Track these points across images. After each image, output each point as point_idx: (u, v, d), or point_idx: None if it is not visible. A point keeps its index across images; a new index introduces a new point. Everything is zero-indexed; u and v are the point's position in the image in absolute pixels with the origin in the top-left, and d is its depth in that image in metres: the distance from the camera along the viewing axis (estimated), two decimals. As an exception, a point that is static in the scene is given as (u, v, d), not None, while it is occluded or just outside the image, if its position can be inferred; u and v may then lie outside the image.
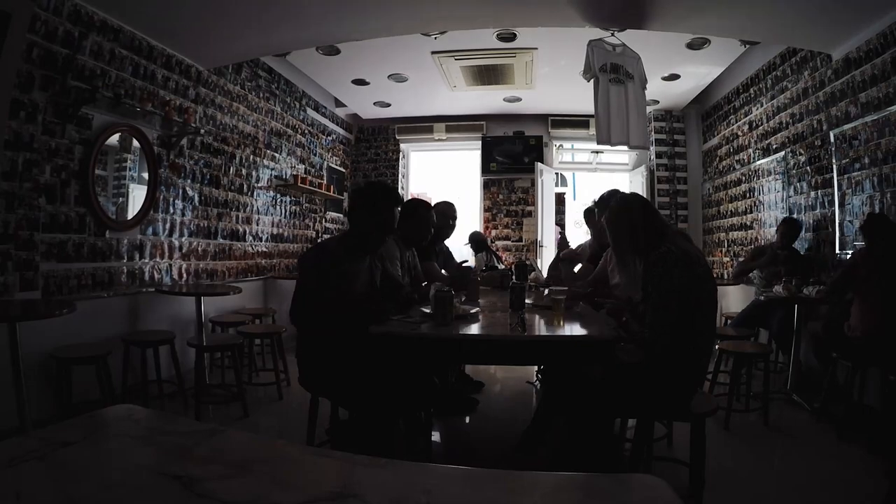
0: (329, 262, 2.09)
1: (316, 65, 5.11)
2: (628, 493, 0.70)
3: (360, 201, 2.22)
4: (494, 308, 2.60)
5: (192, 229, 4.08)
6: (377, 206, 2.18)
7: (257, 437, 0.87)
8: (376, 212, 2.17)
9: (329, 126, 6.60)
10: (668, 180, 6.50)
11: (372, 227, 2.17)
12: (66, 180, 2.96)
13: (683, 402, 1.84)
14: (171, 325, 3.58)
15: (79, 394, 2.79)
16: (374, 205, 2.18)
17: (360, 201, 2.22)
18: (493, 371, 4.26)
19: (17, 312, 2.32)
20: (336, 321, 2.03)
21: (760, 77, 4.90)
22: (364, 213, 2.17)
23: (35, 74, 2.73)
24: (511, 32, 4.30)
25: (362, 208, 2.19)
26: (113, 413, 0.93)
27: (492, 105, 6.46)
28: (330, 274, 2.05)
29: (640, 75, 3.81)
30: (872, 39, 3.35)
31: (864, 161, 3.46)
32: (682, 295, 1.74)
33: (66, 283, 2.97)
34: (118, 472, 0.70)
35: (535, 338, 1.96)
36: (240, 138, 4.68)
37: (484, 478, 0.72)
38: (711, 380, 3.31)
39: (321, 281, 2.03)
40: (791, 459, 2.57)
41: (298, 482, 0.70)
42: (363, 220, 2.18)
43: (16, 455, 0.71)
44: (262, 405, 3.38)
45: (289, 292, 5.41)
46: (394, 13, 3.52)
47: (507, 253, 6.91)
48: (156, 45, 3.59)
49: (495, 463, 0.75)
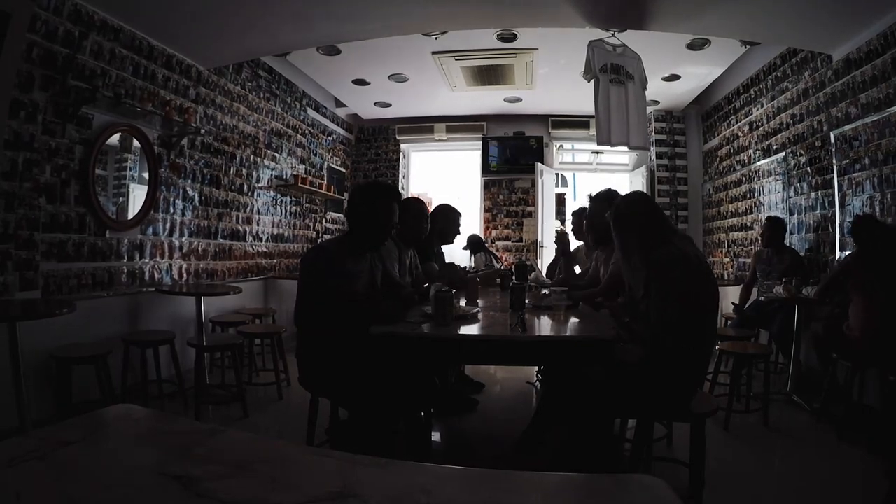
0: (329, 261, 2.08)
1: (316, 65, 5.12)
2: (628, 493, 0.70)
3: (359, 200, 2.21)
4: (495, 308, 2.60)
5: (192, 229, 4.08)
6: (376, 204, 2.17)
7: (257, 437, 0.87)
8: (375, 210, 2.16)
9: (329, 126, 6.60)
10: (669, 181, 6.50)
11: (371, 226, 2.17)
12: (67, 180, 2.96)
13: (684, 402, 1.84)
14: (171, 325, 3.58)
15: (79, 394, 2.79)
16: (372, 203, 2.17)
17: (359, 200, 2.21)
18: (493, 371, 4.25)
19: (17, 312, 2.32)
20: (337, 321, 2.03)
21: (761, 78, 4.90)
22: (363, 211, 2.17)
23: (35, 74, 2.73)
24: (511, 33, 4.30)
25: (361, 207, 2.18)
26: (113, 413, 0.93)
27: (492, 105, 6.46)
28: (330, 274, 2.05)
29: (640, 76, 3.81)
30: (873, 40, 3.35)
31: (864, 162, 3.46)
32: (684, 295, 1.75)
33: (66, 282, 2.97)
34: (118, 472, 0.70)
35: (535, 338, 1.96)
36: (240, 138, 4.68)
37: (484, 478, 0.72)
38: (711, 380, 3.31)
39: (321, 281, 2.03)
40: (791, 460, 2.57)
41: (298, 482, 0.70)
42: (362, 219, 2.17)
43: (16, 455, 0.71)
44: (262, 405, 3.38)
45: (289, 292, 5.44)
46: (394, 13, 3.52)
47: (507, 253, 6.91)
48: (156, 44, 3.60)
49: (495, 463, 0.75)
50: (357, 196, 2.26)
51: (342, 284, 2.08)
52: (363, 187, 2.31)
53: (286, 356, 3.70)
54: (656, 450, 2.40)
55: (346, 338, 2.02)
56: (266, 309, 4.65)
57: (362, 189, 2.29)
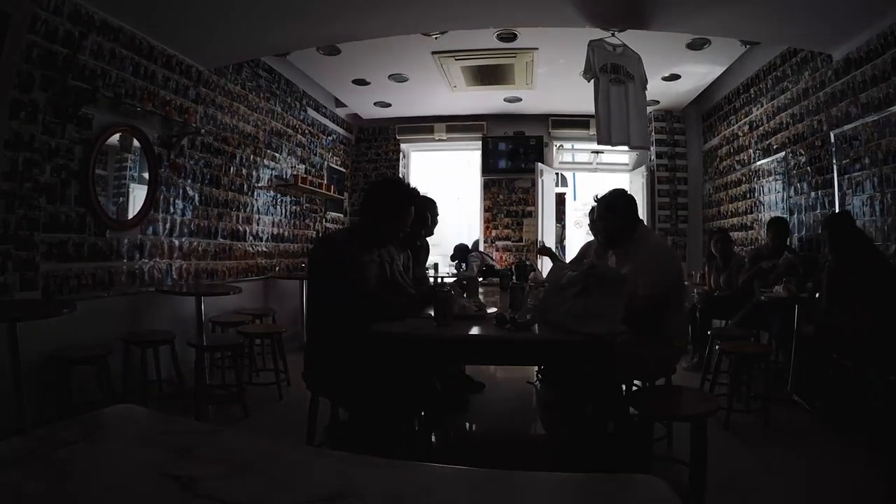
0: (343, 253, 2.10)
1: (316, 65, 5.12)
2: (628, 493, 0.70)
3: (379, 199, 2.19)
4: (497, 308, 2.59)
5: (192, 229, 4.08)
6: (406, 208, 2.19)
7: (257, 437, 0.87)
8: (395, 212, 2.17)
9: (329, 126, 6.60)
10: (669, 180, 6.50)
11: (388, 226, 2.18)
12: (67, 180, 2.96)
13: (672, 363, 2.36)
14: (172, 325, 3.58)
15: (79, 394, 2.78)
16: (393, 205, 2.17)
17: (379, 199, 2.19)
18: (493, 371, 4.25)
19: (17, 312, 2.32)
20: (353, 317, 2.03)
21: (761, 77, 4.90)
22: (383, 211, 2.17)
23: (35, 74, 2.73)
24: (511, 32, 4.30)
25: (380, 205, 2.17)
26: (113, 413, 0.93)
27: (492, 105, 6.45)
28: (345, 265, 2.05)
29: (640, 76, 3.81)
30: (873, 40, 3.35)
31: (864, 161, 3.46)
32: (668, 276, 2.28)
33: (66, 283, 2.97)
34: (118, 472, 0.70)
35: (535, 338, 1.96)
36: (240, 138, 4.68)
37: (484, 478, 0.72)
38: (712, 380, 3.32)
39: (339, 273, 2.04)
40: (791, 459, 2.57)
41: (298, 482, 0.70)
42: (380, 218, 2.17)
43: (16, 455, 0.71)
44: (262, 405, 3.37)
45: (289, 292, 5.45)
46: (394, 13, 3.52)
47: (507, 253, 6.92)
48: (156, 44, 3.59)
49: (495, 463, 0.75)
50: (377, 194, 2.23)
51: (356, 275, 2.08)
52: (397, 187, 2.28)
53: (286, 356, 3.71)
54: (656, 449, 2.40)
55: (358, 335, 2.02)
56: (266, 309, 4.65)
57: (383, 187, 2.28)
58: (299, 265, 5.71)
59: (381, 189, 2.28)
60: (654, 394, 2.33)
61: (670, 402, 2.13)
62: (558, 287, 1.98)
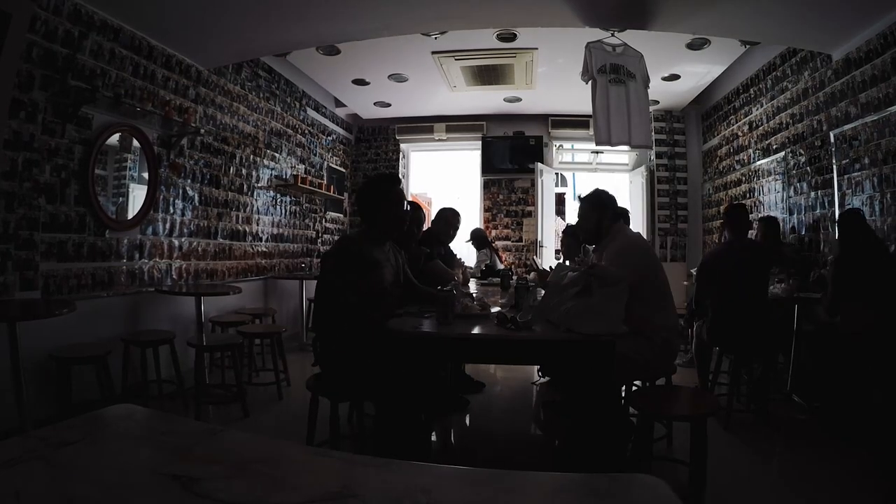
0: (359, 251, 2.18)
1: (316, 65, 5.12)
2: (628, 493, 0.70)
3: (368, 192, 2.32)
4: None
5: (192, 229, 4.08)
6: (388, 193, 2.27)
7: (257, 437, 0.87)
8: (381, 201, 2.26)
9: (329, 126, 6.60)
10: (668, 180, 6.50)
11: (384, 216, 2.27)
12: (66, 180, 2.96)
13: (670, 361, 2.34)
14: (171, 325, 3.58)
15: (79, 394, 2.78)
16: (382, 190, 2.27)
17: (368, 192, 2.32)
18: (494, 371, 4.26)
19: (17, 312, 2.32)
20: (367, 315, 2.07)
21: (760, 77, 4.90)
22: (374, 207, 2.26)
23: (35, 74, 2.73)
24: (511, 32, 4.30)
25: (366, 203, 2.29)
26: (113, 413, 0.93)
27: (492, 105, 6.46)
28: (361, 264, 2.14)
29: (642, 74, 3.80)
30: (873, 40, 3.35)
31: (864, 161, 3.46)
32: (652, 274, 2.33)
33: (65, 282, 2.97)
34: (118, 472, 0.70)
35: (535, 338, 1.96)
36: (240, 138, 4.68)
37: (484, 478, 0.72)
38: (712, 380, 3.31)
39: (355, 272, 2.11)
40: (791, 459, 2.57)
41: (298, 482, 0.70)
42: (377, 215, 2.27)
43: (16, 455, 0.71)
44: (262, 405, 3.38)
45: (289, 292, 5.44)
46: (394, 13, 3.52)
47: (507, 253, 6.91)
48: (156, 44, 3.59)
49: (495, 463, 0.75)
50: (366, 190, 2.36)
51: (372, 273, 2.17)
52: (365, 186, 2.41)
53: (286, 356, 3.71)
54: (656, 450, 2.40)
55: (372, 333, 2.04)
56: (266, 309, 4.65)
57: (365, 188, 2.39)
58: (299, 265, 5.71)
59: (361, 190, 2.41)
60: (654, 394, 2.34)
61: (670, 402, 2.14)
62: (559, 287, 1.98)
